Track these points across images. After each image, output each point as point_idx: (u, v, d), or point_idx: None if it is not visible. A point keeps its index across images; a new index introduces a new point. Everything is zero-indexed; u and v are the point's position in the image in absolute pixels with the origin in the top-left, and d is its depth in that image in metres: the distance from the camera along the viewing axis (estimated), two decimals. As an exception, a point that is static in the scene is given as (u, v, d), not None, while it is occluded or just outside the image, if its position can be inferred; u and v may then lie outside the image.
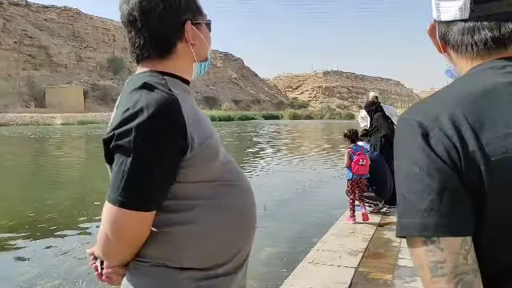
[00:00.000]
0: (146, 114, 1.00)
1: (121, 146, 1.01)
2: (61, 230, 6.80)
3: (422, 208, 0.67)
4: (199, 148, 1.08)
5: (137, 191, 1.02)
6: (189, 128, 1.05)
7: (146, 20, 1.13)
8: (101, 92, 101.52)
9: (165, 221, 1.11)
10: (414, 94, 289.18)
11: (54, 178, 12.76)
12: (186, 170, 1.08)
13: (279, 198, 8.61)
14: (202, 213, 1.13)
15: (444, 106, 0.70)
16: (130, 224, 1.05)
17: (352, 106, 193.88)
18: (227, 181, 1.20)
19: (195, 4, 1.21)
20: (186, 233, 1.12)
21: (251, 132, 39.68)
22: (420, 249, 0.68)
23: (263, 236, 5.61)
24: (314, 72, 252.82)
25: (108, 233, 1.07)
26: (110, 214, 1.05)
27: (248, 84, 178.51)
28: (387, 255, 4.35)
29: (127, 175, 1.00)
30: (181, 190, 1.11)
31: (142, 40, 1.16)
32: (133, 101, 1.04)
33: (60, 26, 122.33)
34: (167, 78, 1.14)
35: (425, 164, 0.67)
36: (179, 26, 1.16)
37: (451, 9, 0.77)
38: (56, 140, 29.42)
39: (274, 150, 21.65)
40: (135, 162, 1.00)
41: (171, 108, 1.03)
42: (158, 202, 1.07)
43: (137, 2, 1.13)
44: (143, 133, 1.00)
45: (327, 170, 13.36)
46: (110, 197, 1.04)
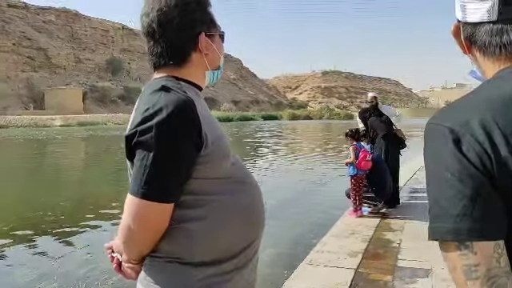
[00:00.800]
0: (165, 113, 1.09)
1: (143, 142, 1.10)
2: (60, 232, 6.80)
3: (454, 213, 0.68)
4: (213, 146, 1.17)
5: (158, 183, 1.11)
6: (203, 127, 1.15)
7: (164, 31, 1.24)
8: (100, 93, 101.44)
9: (180, 216, 1.18)
10: (412, 94, 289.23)
11: (53, 180, 12.78)
12: (201, 166, 1.17)
13: (280, 199, 8.62)
14: (215, 208, 1.21)
15: (474, 111, 0.70)
16: (152, 215, 1.14)
17: (351, 106, 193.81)
18: (237, 178, 1.29)
19: (209, 17, 1.31)
20: (199, 228, 1.19)
21: (251, 132, 39.68)
22: (454, 253, 0.69)
23: (265, 237, 5.59)
24: (312, 72, 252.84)
25: (130, 224, 1.15)
26: (132, 205, 1.14)
27: (247, 84, 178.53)
28: (387, 256, 4.36)
29: (149, 169, 1.09)
30: (196, 186, 1.18)
31: (160, 49, 1.26)
32: (152, 101, 1.14)
33: (58, 27, 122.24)
34: (182, 82, 1.24)
35: (456, 170, 0.68)
36: (194, 36, 1.26)
37: (479, 10, 0.76)
38: (55, 142, 29.39)
39: (274, 150, 21.66)
40: (156, 156, 1.09)
41: (187, 108, 1.13)
42: (177, 194, 1.16)
43: (156, 15, 1.23)
44: (163, 130, 1.09)
45: (327, 170, 13.37)
46: (132, 189, 1.13)
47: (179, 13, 1.23)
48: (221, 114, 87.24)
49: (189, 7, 1.24)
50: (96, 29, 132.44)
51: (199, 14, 1.27)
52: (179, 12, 1.23)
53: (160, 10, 1.23)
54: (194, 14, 1.25)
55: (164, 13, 1.22)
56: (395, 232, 5.16)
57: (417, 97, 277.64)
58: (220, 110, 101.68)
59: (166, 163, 1.11)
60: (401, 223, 5.51)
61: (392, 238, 4.92)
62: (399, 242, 4.74)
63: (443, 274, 3.73)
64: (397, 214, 5.97)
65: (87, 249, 5.85)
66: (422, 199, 6.98)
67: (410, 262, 4.11)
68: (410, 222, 5.52)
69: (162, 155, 1.10)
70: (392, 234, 5.11)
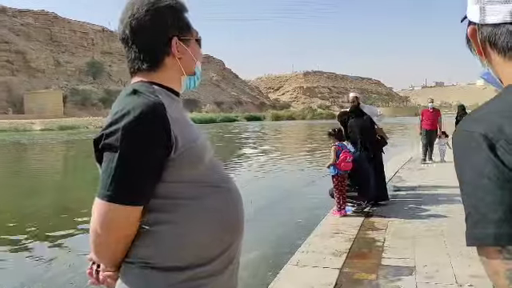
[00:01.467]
0: (132, 116, 1.09)
1: (109, 145, 1.10)
2: (43, 238, 6.68)
3: (495, 218, 0.68)
4: (184, 149, 1.16)
5: (124, 186, 1.11)
6: (173, 130, 1.13)
7: (136, 37, 1.25)
8: (80, 96, 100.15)
9: (151, 220, 1.17)
10: (393, 93, 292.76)
11: (35, 185, 12.54)
12: (170, 169, 1.15)
13: (264, 199, 8.60)
14: (187, 213, 1.19)
15: (505, 116, 0.70)
16: (119, 218, 1.12)
17: (333, 105, 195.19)
18: (211, 182, 1.27)
19: (183, 22, 1.32)
20: (171, 232, 1.18)
21: (234, 133, 39.64)
22: (496, 258, 0.69)
23: (248, 238, 5.53)
24: (294, 73, 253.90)
25: (98, 228, 1.14)
26: (99, 209, 1.13)
27: (229, 86, 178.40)
28: (371, 255, 4.38)
29: (114, 171, 1.09)
30: (165, 190, 1.17)
31: (134, 54, 1.27)
32: (122, 105, 1.14)
33: (37, 30, 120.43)
34: (156, 87, 1.23)
35: (494, 175, 0.68)
36: (166, 41, 1.27)
37: (501, 12, 0.75)
38: (35, 146, 28.90)
39: (258, 150, 21.66)
40: (122, 159, 1.09)
41: (156, 110, 1.12)
42: (144, 197, 1.14)
43: (128, 22, 1.25)
44: (129, 132, 1.09)
45: (311, 170, 13.41)
46: (99, 193, 1.12)
47: (150, 18, 1.24)
48: (203, 115, 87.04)
49: (160, 12, 1.25)
50: (76, 31, 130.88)
51: (171, 19, 1.27)
52: (150, 17, 1.24)
53: (132, 16, 1.24)
54: (165, 19, 1.26)
55: (136, 18, 1.24)
56: (379, 231, 5.19)
57: (398, 96, 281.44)
58: (202, 112, 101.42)
59: (131, 166, 1.10)
60: (384, 222, 5.55)
61: (376, 237, 4.94)
62: (383, 241, 4.76)
63: (427, 272, 3.76)
64: (380, 213, 6.00)
65: (71, 254, 5.75)
66: (405, 197, 7.05)
67: (394, 261, 4.13)
68: (394, 221, 5.56)
69: (127, 158, 1.09)
70: (376, 232, 5.13)
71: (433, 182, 8.22)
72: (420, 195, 7.17)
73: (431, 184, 8.07)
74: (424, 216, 5.76)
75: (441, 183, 8.04)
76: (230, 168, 14.52)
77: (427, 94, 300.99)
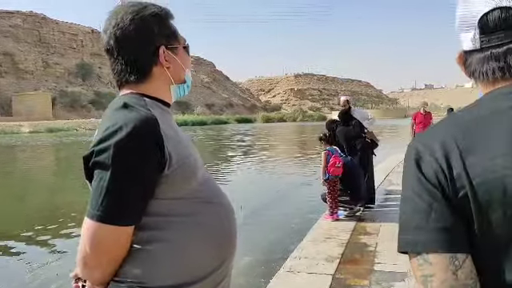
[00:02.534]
0: (124, 132, 1.05)
1: (100, 163, 1.06)
2: (31, 244, 6.59)
3: (412, 226, 0.73)
4: (177, 165, 1.12)
5: (115, 206, 1.06)
6: (167, 146, 1.10)
7: (121, 47, 1.21)
8: (70, 98, 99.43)
9: (143, 238, 1.13)
10: (383, 95, 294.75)
11: (24, 189, 12.39)
12: (164, 186, 1.12)
13: (256, 204, 8.57)
14: (180, 230, 1.16)
15: (440, 133, 0.76)
16: (109, 239, 1.08)
17: (324, 107, 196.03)
18: (204, 198, 1.24)
19: (170, 30, 1.27)
20: (163, 250, 1.14)
21: (225, 136, 39.59)
22: (413, 263, 0.74)
23: (240, 245, 5.53)
24: (285, 75, 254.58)
25: (87, 248, 1.09)
26: (89, 229, 1.08)
27: (220, 88, 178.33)
28: (363, 260, 4.37)
29: (106, 190, 1.04)
30: (159, 207, 1.14)
31: (120, 66, 1.23)
32: (113, 120, 1.10)
33: (26, 31, 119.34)
34: (146, 99, 1.19)
35: (416, 186, 0.74)
36: (153, 50, 1.22)
37: (467, 40, 0.80)
38: (23, 149, 28.59)
39: (250, 153, 21.64)
40: (113, 177, 1.04)
41: (149, 126, 1.09)
42: (136, 216, 1.10)
43: (112, 33, 1.20)
44: (121, 149, 1.05)
45: (302, 173, 13.41)
46: (89, 212, 1.08)
47: (135, 27, 1.19)
48: (194, 117, 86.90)
49: (145, 21, 1.21)
50: (65, 33, 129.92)
51: (157, 28, 1.23)
52: (135, 26, 1.19)
53: (116, 26, 1.20)
54: (151, 28, 1.22)
55: (120, 28, 1.19)
56: (371, 235, 5.19)
57: (387, 98, 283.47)
58: (194, 114, 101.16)
59: (123, 185, 1.06)
60: (376, 226, 5.55)
61: (368, 242, 4.94)
62: (375, 246, 4.77)
63: (419, 277, 3.76)
64: (372, 217, 6.01)
65: (60, 261, 5.67)
66: (397, 201, 7.06)
67: (387, 266, 4.13)
68: (386, 225, 5.57)
69: (119, 176, 1.05)
70: (368, 237, 5.14)
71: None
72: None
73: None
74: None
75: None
76: (221, 172, 14.49)
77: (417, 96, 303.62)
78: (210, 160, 17.86)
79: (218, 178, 12.71)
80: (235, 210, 1.39)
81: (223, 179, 12.76)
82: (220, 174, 13.82)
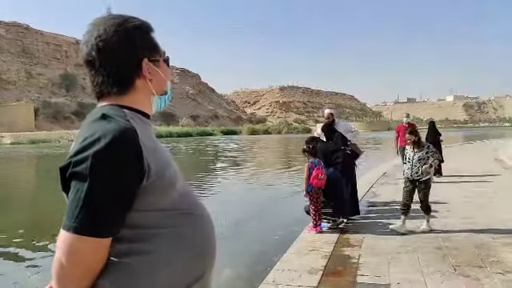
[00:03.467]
0: (102, 143, 1.04)
1: (77, 174, 1.04)
2: (11, 258, 6.43)
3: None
4: (156, 177, 1.11)
5: (93, 218, 1.04)
6: (146, 157, 1.09)
7: (104, 59, 1.19)
8: (53, 109, 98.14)
9: (120, 251, 1.11)
10: (367, 108, 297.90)
11: (5, 201, 12.13)
12: (142, 197, 1.10)
13: (239, 216, 8.54)
14: (158, 242, 1.14)
15: None
16: (86, 251, 1.06)
17: (309, 120, 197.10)
18: (184, 210, 1.22)
19: (151, 42, 1.28)
20: (141, 263, 1.11)
21: (210, 148, 39.46)
22: None
23: (222, 257, 5.46)
24: (270, 87, 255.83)
25: (63, 260, 1.06)
26: (65, 241, 1.06)
27: (206, 100, 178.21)
28: (346, 272, 4.37)
29: (83, 202, 1.03)
30: (137, 219, 1.12)
31: (101, 78, 1.21)
32: (91, 131, 1.08)
33: (8, 42, 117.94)
34: (126, 110, 1.18)
35: None
36: (137, 63, 1.22)
37: None
38: (3, 161, 28.06)
39: (232, 165, 21.59)
40: (91, 188, 1.03)
41: (128, 136, 1.08)
42: (114, 228, 1.08)
43: (94, 44, 1.18)
44: (99, 160, 1.03)
45: (286, 185, 13.42)
46: (65, 224, 1.06)
47: (119, 39, 1.19)
48: (179, 129, 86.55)
49: (129, 33, 1.21)
50: (49, 43, 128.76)
51: (140, 40, 1.23)
52: (119, 38, 1.19)
53: (99, 37, 1.18)
54: (134, 40, 1.21)
55: (103, 40, 1.18)
56: (354, 247, 5.20)
57: (371, 111, 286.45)
58: (179, 126, 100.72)
59: (101, 196, 1.04)
60: (359, 238, 5.57)
61: (351, 254, 4.94)
62: (358, 258, 4.77)
63: (401, 289, 3.78)
64: (355, 229, 6.03)
65: (39, 276, 5.54)
66: (380, 212, 7.11)
67: (369, 278, 4.12)
68: (368, 237, 5.59)
69: (97, 187, 1.03)
70: (351, 249, 5.14)
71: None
72: (394, 211, 7.22)
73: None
74: (398, 232, 5.80)
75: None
76: (204, 184, 14.41)
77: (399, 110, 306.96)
78: (194, 172, 17.76)
79: (202, 189, 12.64)
80: (218, 222, 1.38)
81: (207, 191, 12.69)
82: (203, 185, 13.74)
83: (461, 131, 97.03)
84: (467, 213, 6.89)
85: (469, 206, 7.43)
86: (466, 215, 6.70)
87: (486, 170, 12.69)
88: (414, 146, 5.87)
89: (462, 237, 5.48)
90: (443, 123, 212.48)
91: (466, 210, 7.09)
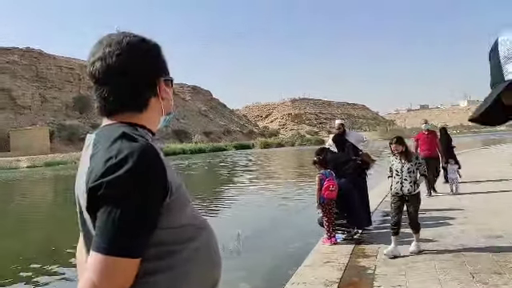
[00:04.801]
0: (131, 162, 1.04)
1: (110, 195, 1.04)
2: (31, 277, 6.50)
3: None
4: (176, 194, 1.14)
5: (127, 239, 1.05)
6: (168, 174, 1.11)
7: (122, 77, 1.19)
8: (67, 132, 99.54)
9: (143, 270, 1.11)
10: (379, 117, 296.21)
11: (21, 224, 12.28)
12: (166, 215, 1.12)
13: (254, 229, 8.51)
14: (180, 258, 1.16)
15: None
16: (118, 271, 1.06)
17: (321, 131, 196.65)
18: (198, 225, 1.26)
19: (165, 63, 1.31)
20: (164, 280, 1.13)
21: (223, 163, 39.52)
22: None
23: (238, 270, 5.51)
24: (282, 100, 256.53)
25: (95, 280, 1.05)
26: (99, 262, 1.05)
27: (218, 115, 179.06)
28: (362, 284, 4.33)
29: (118, 223, 1.03)
30: (161, 236, 1.13)
31: (116, 96, 1.20)
32: (115, 150, 1.08)
33: (23, 67, 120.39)
34: (139, 128, 1.20)
35: None
36: (154, 83, 1.25)
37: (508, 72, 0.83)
38: (21, 184, 28.46)
39: (247, 179, 21.57)
40: (125, 209, 1.03)
41: (153, 155, 1.09)
42: (144, 248, 1.09)
43: (113, 61, 1.18)
44: (131, 180, 1.03)
45: (299, 197, 13.36)
46: (99, 246, 1.05)
47: (136, 58, 1.20)
48: (193, 146, 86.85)
49: (147, 52, 1.24)
50: (61, 67, 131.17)
51: (157, 60, 1.27)
52: (136, 57, 1.20)
53: (116, 56, 1.18)
54: (153, 60, 1.25)
55: (122, 57, 1.18)
56: (369, 258, 5.15)
57: (383, 119, 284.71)
58: (192, 142, 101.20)
59: (135, 217, 1.04)
60: (374, 248, 5.51)
61: (367, 265, 4.89)
62: (374, 268, 4.72)
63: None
64: (370, 240, 5.97)
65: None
66: (394, 222, 7.02)
67: (386, 289, 4.08)
68: (384, 247, 5.51)
69: (131, 208, 1.03)
70: (367, 260, 5.09)
71: (420, 206, 8.21)
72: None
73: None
74: (413, 241, 5.72)
75: (428, 206, 8.05)
76: (219, 198, 14.41)
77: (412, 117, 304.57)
78: (209, 186, 17.79)
79: (216, 204, 12.65)
80: (232, 236, 1.43)
81: (221, 205, 12.69)
82: (218, 199, 13.75)
83: (477, 136, 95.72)
84: (484, 219, 6.78)
85: (486, 213, 7.32)
86: (483, 221, 6.60)
87: (503, 176, 12.49)
88: (401, 157, 5.32)
89: (480, 243, 5.39)
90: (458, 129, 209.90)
91: (483, 217, 6.98)
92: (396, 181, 5.28)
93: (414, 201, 5.25)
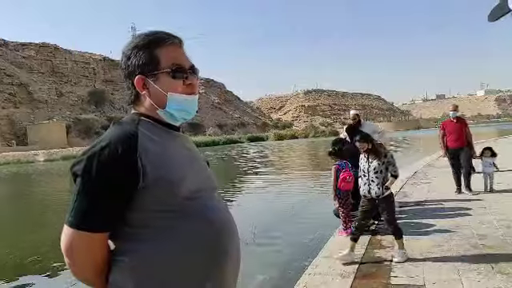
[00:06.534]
0: (98, 146, 1.17)
1: (75, 173, 1.19)
2: (45, 271, 6.60)
3: None
4: (153, 181, 1.17)
5: (85, 213, 1.16)
6: (142, 161, 1.17)
7: (123, 77, 1.38)
8: (83, 126, 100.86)
9: (120, 249, 1.22)
10: (395, 108, 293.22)
11: (38, 217, 12.48)
12: (140, 198, 1.18)
13: (270, 220, 8.53)
14: (150, 242, 1.19)
15: None
16: (79, 243, 1.17)
17: (335, 122, 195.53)
18: (190, 213, 1.24)
19: (148, 58, 1.32)
20: (139, 262, 1.19)
21: (239, 155, 39.60)
22: None
23: (253, 262, 5.52)
24: (295, 92, 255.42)
25: (63, 252, 1.20)
26: (64, 234, 1.19)
27: (231, 108, 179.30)
28: (379, 274, 4.29)
29: (76, 198, 1.16)
30: (135, 218, 1.19)
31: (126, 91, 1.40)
32: (101, 137, 1.23)
33: (39, 62, 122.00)
34: (143, 118, 1.31)
35: None
36: (133, 79, 1.35)
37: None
38: (38, 178, 28.91)
39: (262, 171, 21.59)
40: (83, 187, 1.16)
41: (124, 141, 1.18)
42: (105, 224, 1.18)
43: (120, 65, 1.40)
44: (91, 161, 1.16)
45: (316, 189, 13.33)
46: (65, 218, 1.19)
47: (123, 60, 1.36)
48: (207, 138, 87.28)
49: (127, 53, 1.35)
50: (77, 62, 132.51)
51: (135, 59, 1.32)
52: (123, 59, 1.36)
53: (120, 60, 1.39)
54: (130, 59, 1.34)
55: (121, 61, 1.38)
56: (386, 249, 5.11)
57: (399, 110, 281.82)
58: (206, 135, 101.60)
59: (90, 193, 1.15)
60: (391, 239, 5.44)
61: (383, 256, 4.85)
62: (390, 259, 4.68)
63: (436, 290, 3.69)
64: (386, 230, 5.90)
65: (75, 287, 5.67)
66: (412, 212, 6.97)
67: (403, 280, 4.04)
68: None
69: (88, 186, 1.15)
70: (383, 251, 5.05)
71: (438, 197, 8.13)
72: (425, 210, 7.09)
73: (436, 198, 7.98)
74: (431, 232, 5.68)
75: (446, 197, 7.96)
76: (234, 190, 14.46)
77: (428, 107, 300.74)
78: (225, 178, 17.85)
79: (231, 196, 12.69)
80: (247, 228, 1.40)
81: (236, 197, 12.73)
82: (232, 192, 13.79)
83: (495, 126, 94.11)
84: (503, 209, 6.67)
85: (505, 203, 7.20)
86: (503, 211, 6.49)
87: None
88: (368, 155, 4.87)
89: (499, 234, 5.31)
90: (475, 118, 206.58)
91: (501, 207, 6.87)
92: (363, 182, 4.83)
93: (385, 204, 4.68)
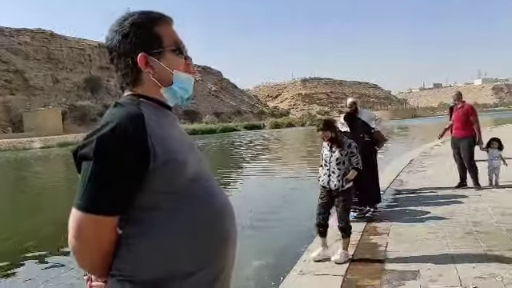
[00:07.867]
0: (108, 127, 1.13)
1: (83, 156, 1.14)
2: (43, 257, 6.62)
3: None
4: (164, 159, 1.16)
5: (95, 196, 1.12)
6: (151, 140, 1.14)
7: (113, 58, 1.31)
8: (79, 112, 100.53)
9: (127, 232, 1.19)
10: (391, 96, 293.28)
11: (34, 203, 12.50)
12: (149, 180, 1.15)
13: (265, 207, 8.57)
14: (162, 225, 1.18)
15: None
16: (89, 227, 1.14)
17: (332, 111, 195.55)
18: (195, 196, 1.24)
19: (150, 35, 1.30)
20: (145, 244, 1.18)
21: (234, 143, 39.62)
22: None
23: (249, 248, 5.56)
24: (292, 80, 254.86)
25: (71, 236, 1.16)
26: (72, 217, 1.15)
27: (228, 96, 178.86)
28: (374, 260, 4.33)
29: (87, 181, 1.12)
30: (143, 201, 1.17)
31: (117, 74, 1.33)
32: (104, 118, 1.19)
33: (35, 48, 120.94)
34: (142, 99, 1.27)
35: None
36: (134, 57, 1.28)
37: None
38: (35, 164, 28.87)
39: (258, 158, 21.62)
40: (94, 169, 1.11)
41: (132, 121, 1.15)
42: (116, 208, 1.15)
43: (106, 45, 1.32)
44: (103, 142, 1.11)
45: (312, 176, 13.35)
46: (74, 202, 1.15)
47: (118, 39, 1.28)
48: (203, 126, 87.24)
49: (125, 31, 1.28)
50: (72, 48, 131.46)
51: (135, 36, 1.27)
52: (118, 38, 1.28)
53: (107, 39, 1.31)
54: (129, 37, 1.28)
55: (109, 41, 1.30)
56: (381, 235, 5.15)
57: (396, 99, 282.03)
58: (202, 123, 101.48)
59: (102, 176, 1.11)
60: (386, 226, 5.51)
61: (379, 242, 4.90)
62: (386, 245, 4.72)
63: (430, 276, 3.73)
64: (382, 217, 5.96)
65: (73, 272, 5.70)
66: (407, 200, 7.01)
67: (398, 265, 4.08)
68: (396, 225, 5.52)
69: (100, 168, 1.11)
70: (378, 237, 5.09)
71: (433, 184, 8.18)
72: (421, 198, 7.13)
73: (432, 186, 8.03)
74: (425, 219, 5.72)
75: (440, 185, 8.00)
76: (231, 176, 14.49)
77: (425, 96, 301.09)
78: (220, 165, 17.88)
79: (229, 182, 12.72)
80: (244, 214, 1.38)
81: (233, 183, 12.76)
82: (230, 178, 13.82)
83: (491, 114, 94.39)
84: (498, 197, 6.72)
85: (499, 191, 7.25)
86: (497, 199, 6.54)
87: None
88: (331, 145, 4.59)
89: (493, 221, 5.36)
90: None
91: (496, 195, 6.92)
92: (324, 172, 4.61)
93: (344, 197, 4.45)
